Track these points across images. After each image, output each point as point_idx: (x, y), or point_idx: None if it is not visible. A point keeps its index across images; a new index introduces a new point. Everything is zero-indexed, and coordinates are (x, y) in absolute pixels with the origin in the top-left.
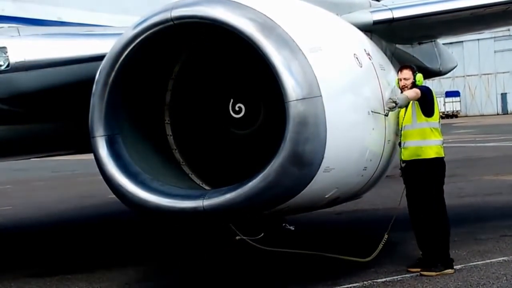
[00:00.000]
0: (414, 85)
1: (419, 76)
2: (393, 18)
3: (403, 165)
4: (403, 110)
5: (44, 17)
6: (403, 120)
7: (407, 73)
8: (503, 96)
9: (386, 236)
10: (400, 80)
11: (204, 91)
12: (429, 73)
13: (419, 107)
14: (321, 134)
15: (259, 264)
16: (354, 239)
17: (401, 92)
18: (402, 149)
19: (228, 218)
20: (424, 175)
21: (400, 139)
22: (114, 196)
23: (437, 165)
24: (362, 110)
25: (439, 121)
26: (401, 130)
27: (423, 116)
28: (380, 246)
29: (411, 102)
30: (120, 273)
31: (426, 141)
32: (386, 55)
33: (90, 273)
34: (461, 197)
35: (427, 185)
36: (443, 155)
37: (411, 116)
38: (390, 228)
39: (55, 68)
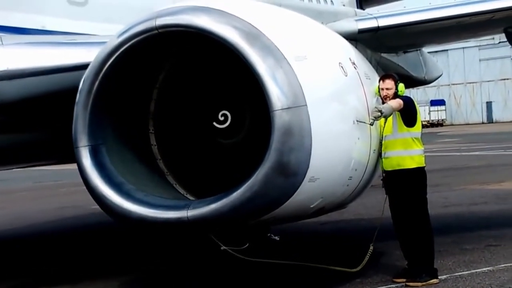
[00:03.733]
0: (396, 95)
1: (401, 86)
2: (378, 26)
3: (384, 175)
4: (382, 120)
5: (28, 26)
6: (383, 130)
7: (389, 83)
8: (488, 104)
9: (371, 247)
10: (382, 89)
11: (189, 100)
12: (414, 82)
13: (400, 117)
14: (306, 143)
15: (244, 275)
16: (339, 249)
17: (382, 102)
18: (383, 159)
19: (213, 228)
20: (406, 185)
21: (381, 149)
22: (97, 206)
23: (418, 175)
24: (348, 119)
25: (421, 131)
26: (381, 140)
27: (404, 126)
28: (367, 257)
29: None
30: (104, 284)
31: (407, 151)
32: (371, 63)
33: (73, 285)
34: (446, 207)
35: (409, 195)
36: (424, 165)
37: (392, 126)
38: (375, 238)
39: (38, 77)
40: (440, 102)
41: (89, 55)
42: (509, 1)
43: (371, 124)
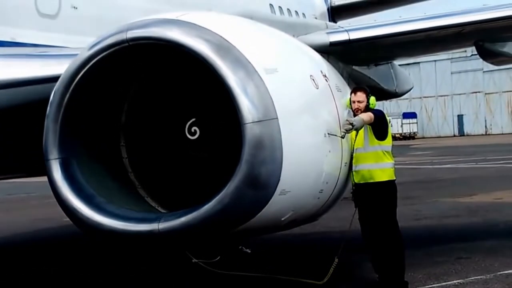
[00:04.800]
0: (367, 108)
1: (373, 99)
2: (349, 39)
3: (354, 188)
4: (353, 133)
5: None
6: (354, 143)
7: (361, 96)
8: (460, 117)
9: (336, 259)
10: (354, 102)
11: (160, 113)
12: (386, 95)
13: (371, 131)
14: (277, 156)
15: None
16: (311, 262)
17: (354, 114)
18: (354, 172)
19: (184, 241)
20: (376, 198)
21: (352, 162)
22: (69, 219)
23: (389, 188)
24: (319, 132)
25: (392, 144)
26: (352, 153)
27: (375, 140)
28: (331, 270)
29: None
30: None
31: (379, 164)
32: (342, 76)
33: None
34: (417, 219)
35: (380, 208)
36: (395, 178)
37: (363, 139)
38: (343, 251)
39: (8, 89)
40: (412, 115)
41: (60, 68)
42: (479, 15)
43: (342, 137)
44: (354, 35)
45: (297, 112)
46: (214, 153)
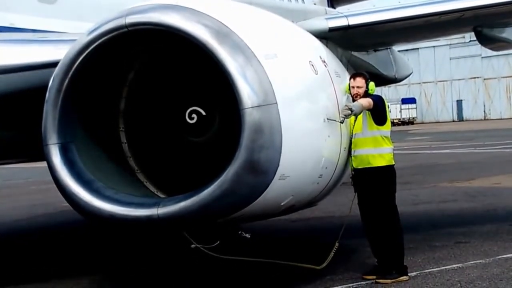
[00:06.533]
0: (366, 93)
1: (372, 85)
2: (348, 25)
3: (353, 173)
4: (352, 118)
5: None
6: (353, 128)
7: (360, 81)
8: (459, 103)
9: (337, 244)
10: (353, 88)
11: (159, 98)
12: (385, 80)
13: (370, 116)
14: (276, 141)
15: (214, 272)
16: (310, 247)
17: (353, 100)
18: (353, 157)
19: (183, 226)
20: (375, 183)
21: (350, 147)
22: (68, 204)
23: (388, 173)
24: (318, 117)
25: (390, 129)
26: (351, 138)
27: (374, 125)
28: (332, 254)
29: None
30: (73, 283)
31: (377, 149)
32: (342, 62)
33: (43, 283)
34: (416, 204)
35: (379, 193)
36: (394, 163)
37: (362, 124)
38: (342, 235)
39: (7, 75)
40: (411, 100)
41: (59, 53)
42: (478, 1)
43: (341, 122)
44: (353, 21)
45: (296, 98)
46: (213, 138)
